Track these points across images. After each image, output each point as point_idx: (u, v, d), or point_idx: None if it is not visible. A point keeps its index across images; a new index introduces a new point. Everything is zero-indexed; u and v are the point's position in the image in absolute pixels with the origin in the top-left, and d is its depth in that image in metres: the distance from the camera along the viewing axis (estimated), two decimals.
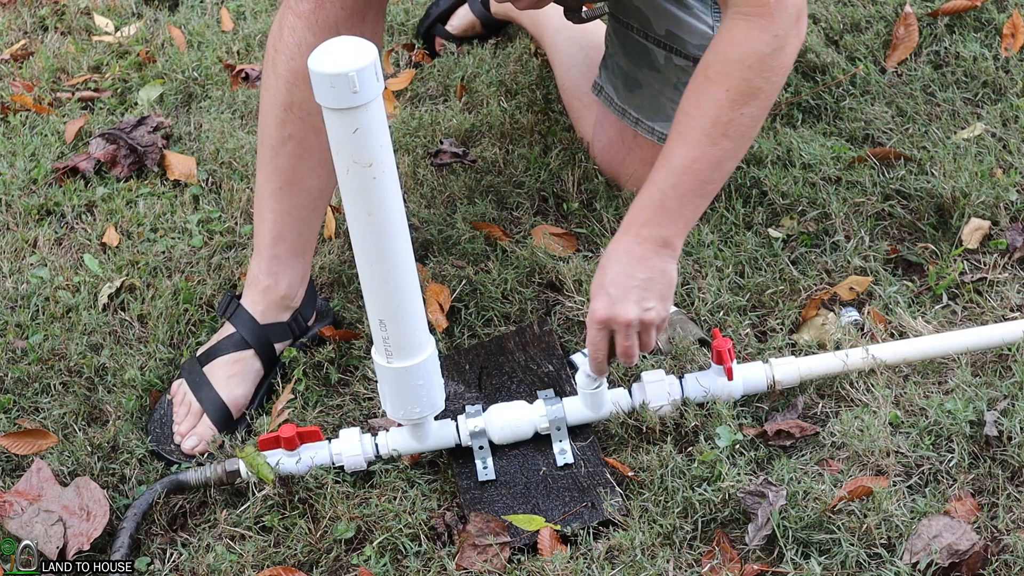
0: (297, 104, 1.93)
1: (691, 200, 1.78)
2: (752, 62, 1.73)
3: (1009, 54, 2.50)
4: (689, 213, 1.79)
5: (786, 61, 1.76)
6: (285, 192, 2.00)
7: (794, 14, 1.73)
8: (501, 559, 1.73)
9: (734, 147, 1.77)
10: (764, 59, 1.72)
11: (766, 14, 1.71)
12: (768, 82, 1.74)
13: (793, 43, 1.75)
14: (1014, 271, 2.09)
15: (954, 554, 1.62)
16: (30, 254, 2.38)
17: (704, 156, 1.76)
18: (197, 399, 2.00)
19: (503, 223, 2.32)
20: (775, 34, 1.72)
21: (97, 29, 3.06)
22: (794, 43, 1.75)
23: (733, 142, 1.76)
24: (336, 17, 1.89)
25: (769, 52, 1.72)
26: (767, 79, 1.74)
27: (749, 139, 1.80)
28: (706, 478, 1.78)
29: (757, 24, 1.72)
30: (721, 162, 1.77)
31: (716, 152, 1.76)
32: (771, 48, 1.72)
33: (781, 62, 1.75)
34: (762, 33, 1.72)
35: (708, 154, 1.76)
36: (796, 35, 1.74)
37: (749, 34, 1.72)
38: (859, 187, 2.26)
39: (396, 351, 1.73)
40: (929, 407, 1.83)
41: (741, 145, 1.79)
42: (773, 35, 1.72)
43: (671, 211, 1.78)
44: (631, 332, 1.78)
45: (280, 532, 1.82)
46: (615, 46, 2.24)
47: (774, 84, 1.76)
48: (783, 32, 1.72)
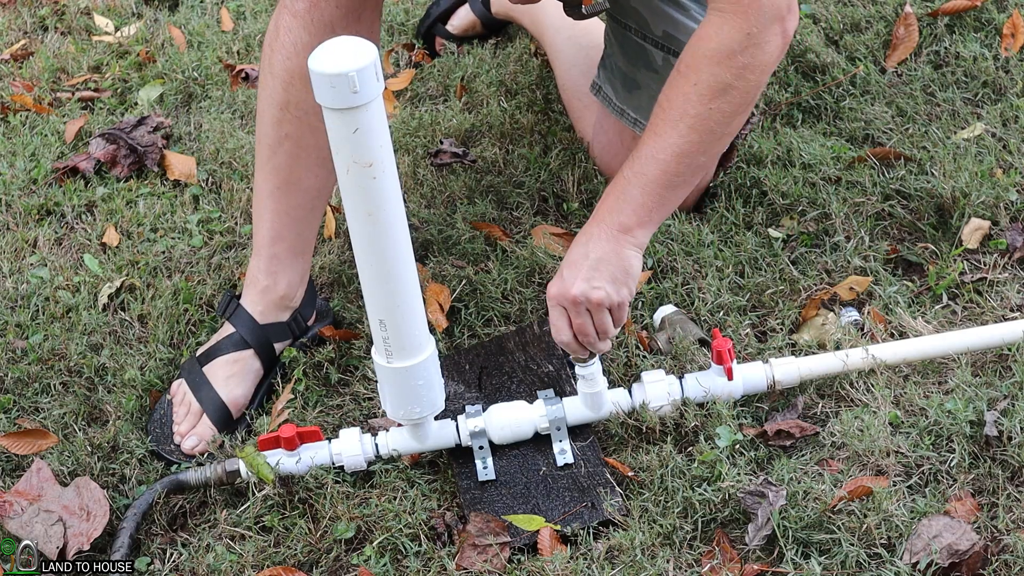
0: (294, 103, 1.93)
1: (654, 189, 1.77)
2: (720, 58, 1.71)
3: (1009, 54, 2.50)
4: (651, 202, 1.78)
5: (763, 59, 1.73)
6: (283, 192, 2.00)
7: (772, 13, 1.70)
8: (501, 559, 1.73)
9: (700, 141, 1.76)
10: (733, 56, 1.71)
11: (738, 11, 1.70)
12: (740, 79, 1.73)
13: (773, 42, 1.72)
14: (1014, 271, 2.09)
15: (954, 554, 1.62)
16: (30, 254, 2.38)
17: (669, 147, 1.76)
18: (197, 399, 2.00)
19: (503, 223, 2.32)
20: (747, 32, 1.70)
21: (97, 29, 3.06)
22: (774, 42, 1.72)
23: (700, 135, 1.75)
24: (332, 16, 1.89)
25: (739, 49, 1.71)
26: (739, 76, 1.72)
27: (721, 135, 1.78)
28: (706, 478, 1.78)
29: (728, 21, 1.71)
30: (686, 154, 1.76)
31: (681, 144, 1.75)
32: (742, 45, 1.71)
33: (756, 60, 1.72)
34: (732, 30, 1.70)
35: (673, 145, 1.75)
36: (776, 34, 1.72)
37: (720, 30, 1.71)
38: (859, 187, 2.26)
39: (396, 351, 1.73)
40: (929, 407, 1.83)
41: (710, 140, 1.77)
42: (746, 33, 1.70)
43: (632, 198, 1.78)
44: (580, 310, 1.79)
45: (280, 532, 1.82)
46: (613, 46, 2.24)
47: (749, 82, 1.74)
48: (757, 30, 1.70)
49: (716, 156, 1.82)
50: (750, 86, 1.74)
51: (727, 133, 1.79)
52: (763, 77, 1.76)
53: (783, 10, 1.72)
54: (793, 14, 1.75)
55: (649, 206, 1.78)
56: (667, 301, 2.10)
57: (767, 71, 1.76)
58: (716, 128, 1.76)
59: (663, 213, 1.81)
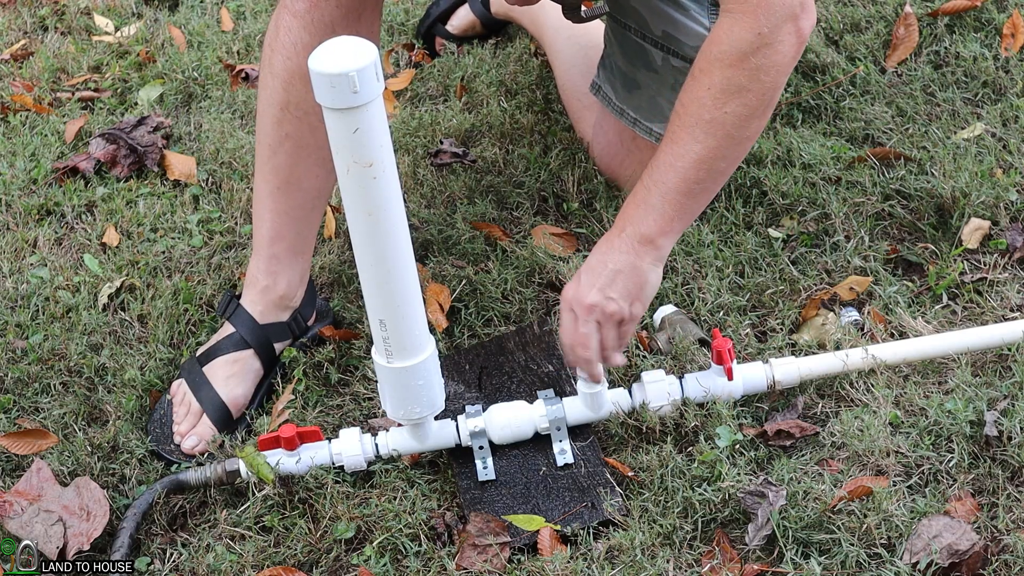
0: (294, 103, 1.93)
1: (675, 198, 1.75)
2: (732, 60, 1.70)
3: (1009, 54, 2.50)
4: (672, 211, 1.76)
5: (777, 59, 1.70)
6: (283, 192, 2.00)
7: (784, 12, 1.68)
8: (501, 559, 1.73)
9: (718, 146, 1.73)
10: (745, 57, 1.69)
11: (748, 11, 1.68)
12: (755, 81, 1.71)
13: (787, 41, 1.70)
14: (1014, 271, 2.09)
15: (954, 554, 1.62)
16: (30, 254, 2.38)
17: (687, 153, 1.74)
18: (197, 399, 2.00)
19: (503, 223, 2.32)
20: (758, 32, 1.68)
21: (97, 29, 3.06)
22: (788, 41, 1.70)
23: (717, 140, 1.73)
24: (332, 16, 1.89)
25: (751, 50, 1.69)
26: (753, 77, 1.70)
27: (740, 139, 1.75)
28: (706, 478, 1.78)
29: (740, 21, 1.69)
30: (704, 160, 1.74)
31: (699, 149, 1.73)
32: (753, 46, 1.69)
33: (770, 60, 1.70)
34: (743, 31, 1.69)
35: (691, 151, 1.73)
36: (790, 33, 1.70)
37: (731, 32, 1.70)
38: (859, 187, 2.26)
39: (396, 351, 1.73)
40: (929, 407, 1.83)
41: (728, 144, 1.74)
42: (756, 33, 1.68)
43: (654, 207, 1.76)
44: (590, 319, 1.77)
45: (280, 532, 1.82)
46: (613, 46, 2.24)
47: (764, 83, 1.72)
48: (768, 30, 1.68)
49: (737, 161, 1.79)
50: (765, 88, 1.72)
51: (746, 137, 1.76)
52: (779, 78, 1.73)
53: (796, 8, 1.69)
54: (808, 12, 1.71)
55: (669, 215, 1.76)
56: (667, 301, 2.10)
57: (783, 71, 1.73)
58: (734, 132, 1.73)
59: (685, 221, 1.79)
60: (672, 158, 1.74)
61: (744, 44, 1.69)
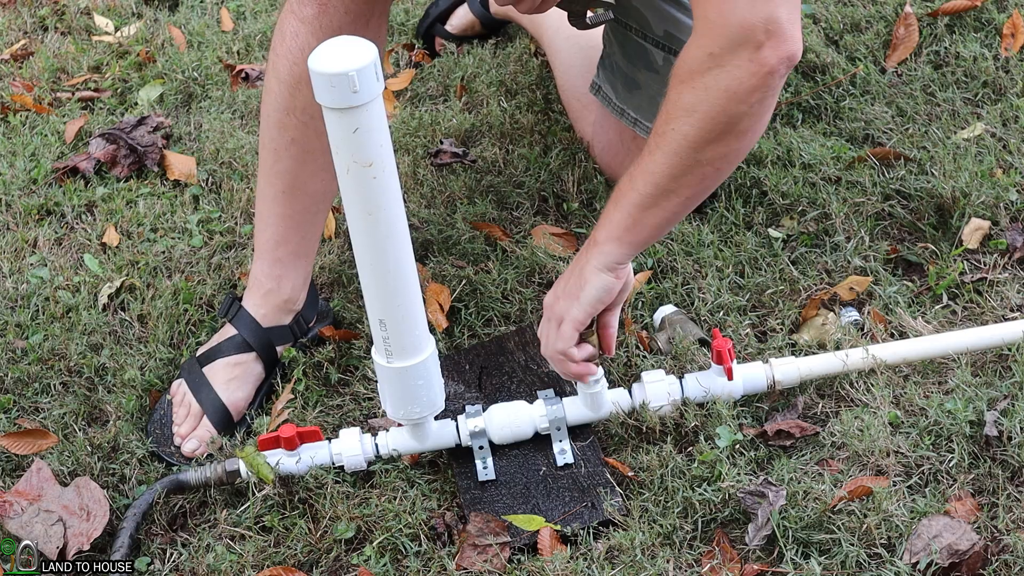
0: (299, 108, 1.93)
1: (625, 207, 1.73)
2: (683, 76, 1.64)
3: (1009, 54, 2.50)
4: (625, 219, 1.73)
5: (730, 84, 1.59)
6: (288, 196, 1.99)
7: (739, 37, 1.57)
8: (501, 559, 1.73)
9: (668, 163, 1.67)
10: (694, 75, 1.62)
11: (704, 30, 1.61)
12: (703, 101, 1.61)
13: (742, 67, 1.58)
14: (1014, 271, 2.09)
15: (954, 554, 1.62)
16: (30, 254, 2.38)
17: (642, 164, 1.71)
18: (197, 400, 2.00)
19: (503, 223, 2.32)
20: (709, 51, 1.60)
21: (97, 29, 3.06)
22: (744, 67, 1.58)
23: (665, 156, 1.67)
24: (340, 22, 1.89)
25: (701, 69, 1.61)
26: (701, 98, 1.61)
27: (693, 162, 1.66)
28: (706, 478, 1.78)
29: (695, 39, 1.63)
30: (654, 174, 1.69)
31: (648, 162, 1.69)
32: (704, 65, 1.61)
33: (720, 83, 1.59)
34: (696, 48, 1.62)
35: (644, 163, 1.70)
36: (747, 60, 1.58)
37: (688, 48, 1.64)
38: (859, 187, 2.26)
39: (396, 351, 1.73)
40: (929, 407, 1.83)
41: (678, 164, 1.67)
42: (707, 52, 1.60)
43: (607, 212, 1.76)
44: (548, 318, 1.81)
45: (280, 532, 1.82)
46: (613, 46, 2.24)
47: (715, 106, 1.61)
48: (719, 51, 1.59)
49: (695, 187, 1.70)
50: (716, 111, 1.61)
51: (700, 162, 1.66)
52: (734, 105, 1.61)
53: (758, 35, 1.57)
54: (778, 42, 1.57)
55: (620, 223, 1.73)
56: (667, 301, 2.10)
57: (738, 99, 1.60)
58: (683, 152, 1.66)
59: (639, 235, 1.74)
60: (634, 168, 1.73)
61: (694, 62, 1.63)
